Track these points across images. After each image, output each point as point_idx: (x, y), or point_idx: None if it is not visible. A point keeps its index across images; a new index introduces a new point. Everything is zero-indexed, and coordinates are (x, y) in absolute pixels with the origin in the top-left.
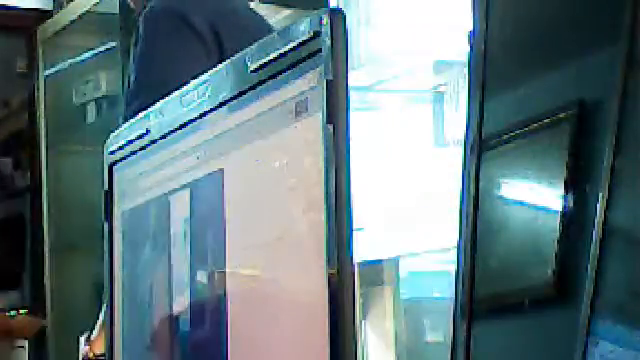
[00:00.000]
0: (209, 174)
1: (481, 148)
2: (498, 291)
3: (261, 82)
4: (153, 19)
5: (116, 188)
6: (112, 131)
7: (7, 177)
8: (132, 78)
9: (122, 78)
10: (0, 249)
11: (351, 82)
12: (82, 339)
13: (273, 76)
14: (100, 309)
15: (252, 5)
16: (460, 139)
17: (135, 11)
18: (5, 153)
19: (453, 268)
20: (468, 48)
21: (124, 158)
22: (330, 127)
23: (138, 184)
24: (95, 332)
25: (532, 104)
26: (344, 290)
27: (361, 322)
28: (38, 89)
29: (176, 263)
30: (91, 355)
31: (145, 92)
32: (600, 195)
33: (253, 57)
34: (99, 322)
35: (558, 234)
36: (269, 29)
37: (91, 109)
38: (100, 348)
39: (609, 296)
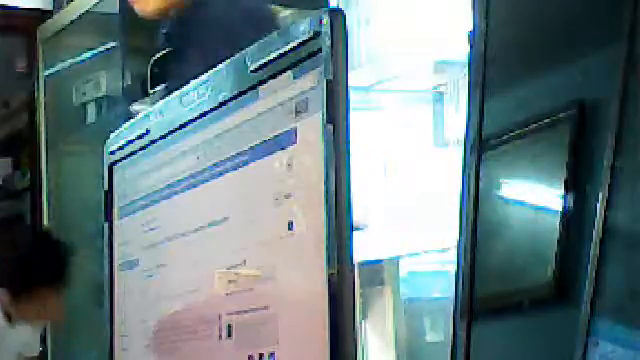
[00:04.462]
0: (209, 174)
1: (481, 148)
2: (498, 291)
3: (261, 82)
4: None
5: (116, 188)
6: (112, 131)
7: (7, 177)
8: None
9: (122, 78)
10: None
11: (351, 82)
12: None
13: (273, 76)
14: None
15: None
16: (460, 139)
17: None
18: (5, 153)
19: (453, 268)
20: (468, 48)
21: (124, 158)
22: (330, 127)
23: (138, 184)
24: None
25: (532, 104)
26: (344, 290)
27: (361, 322)
28: (38, 89)
29: (177, 262)
30: None
31: None
32: (600, 195)
33: (253, 57)
34: None
35: (558, 234)
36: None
37: (91, 109)
38: None
39: (609, 296)
